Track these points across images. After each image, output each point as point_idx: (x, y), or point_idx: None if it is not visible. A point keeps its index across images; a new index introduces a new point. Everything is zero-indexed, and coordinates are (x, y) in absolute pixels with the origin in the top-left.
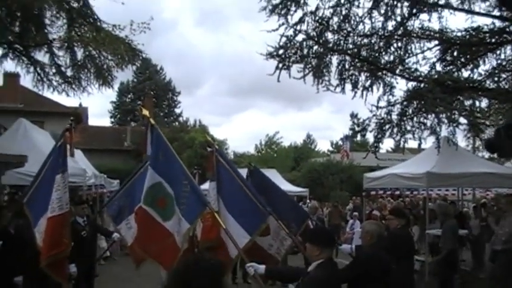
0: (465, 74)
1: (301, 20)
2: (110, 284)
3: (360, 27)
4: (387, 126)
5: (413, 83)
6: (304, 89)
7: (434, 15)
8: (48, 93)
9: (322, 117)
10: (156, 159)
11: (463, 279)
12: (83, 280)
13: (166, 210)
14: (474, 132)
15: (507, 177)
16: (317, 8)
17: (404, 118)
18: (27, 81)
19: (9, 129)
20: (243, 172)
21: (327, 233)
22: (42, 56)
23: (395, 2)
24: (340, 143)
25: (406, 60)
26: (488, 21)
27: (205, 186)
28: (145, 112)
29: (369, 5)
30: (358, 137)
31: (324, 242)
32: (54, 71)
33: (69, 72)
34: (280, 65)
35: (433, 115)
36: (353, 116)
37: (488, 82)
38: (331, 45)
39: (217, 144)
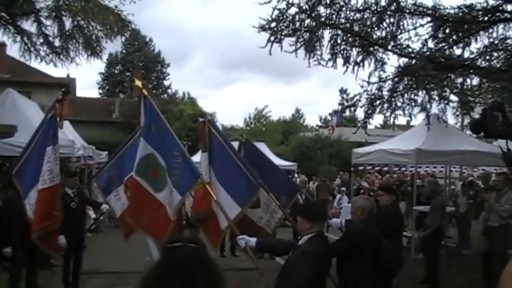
0: (457, 51)
1: None
2: (99, 255)
3: (353, 1)
4: (378, 102)
5: (405, 60)
6: (292, 63)
7: None
8: (35, 64)
9: (311, 91)
10: (149, 130)
11: (448, 256)
12: (72, 251)
13: (158, 182)
14: (465, 110)
15: (495, 155)
16: None
17: (395, 94)
18: (13, 50)
19: None
20: (234, 145)
21: (318, 207)
22: (29, 25)
23: None
24: (329, 117)
25: (398, 36)
26: None
27: (196, 158)
28: (138, 83)
29: None
30: (347, 112)
31: (315, 215)
32: (41, 40)
33: (57, 43)
34: (272, 38)
35: (424, 92)
36: (342, 91)
37: (480, 60)
38: (323, 19)
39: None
